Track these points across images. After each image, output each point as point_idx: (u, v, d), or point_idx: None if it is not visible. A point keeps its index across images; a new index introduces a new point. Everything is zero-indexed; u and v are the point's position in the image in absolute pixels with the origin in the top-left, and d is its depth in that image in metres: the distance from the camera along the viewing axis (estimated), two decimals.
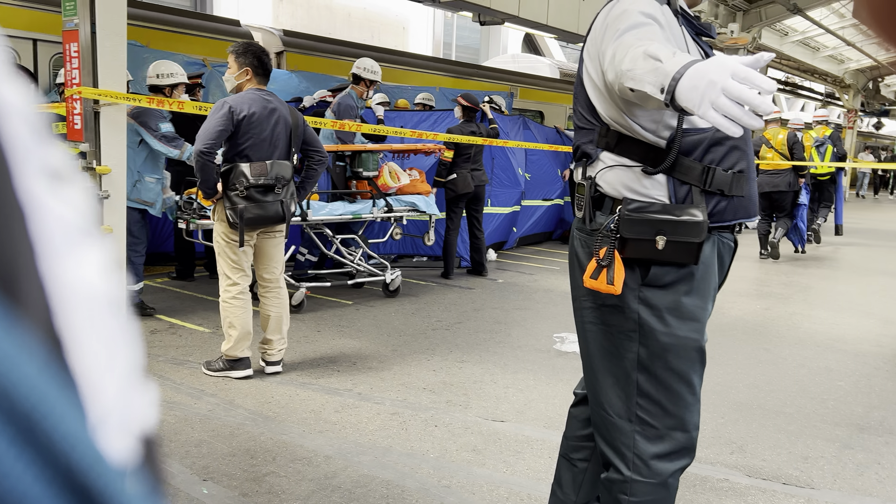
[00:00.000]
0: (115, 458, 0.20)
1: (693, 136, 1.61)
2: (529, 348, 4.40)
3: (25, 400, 0.16)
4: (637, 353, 1.67)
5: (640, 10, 1.56)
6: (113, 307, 0.23)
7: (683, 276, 1.64)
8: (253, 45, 3.66)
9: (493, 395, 3.56)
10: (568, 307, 5.51)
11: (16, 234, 0.19)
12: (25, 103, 0.22)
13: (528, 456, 2.87)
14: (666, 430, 1.68)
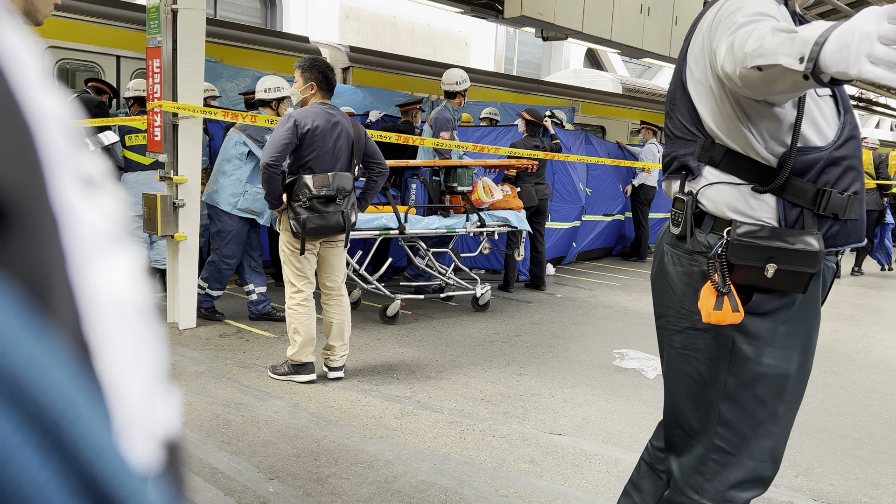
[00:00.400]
0: (137, 464, 0.20)
1: (807, 156, 1.51)
2: (588, 363, 4.38)
3: (54, 406, 0.16)
4: (725, 381, 1.59)
5: (757, 9, 1.47)
6: (139, 314, 0.23)
7: (785, 304, 1.55)
8: (318, 61, 3.79)
9: (551, 408, 3.57)
10: (627, 323, 5.48)
11: (49, 241, 0.19)
12: (62, 113, 0.22)
13: (587, 470, 2.87)
14: (743, 460, 1.61)
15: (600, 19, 7.75)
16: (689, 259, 1.62)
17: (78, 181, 0.22)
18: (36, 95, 0.20)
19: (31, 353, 0.16)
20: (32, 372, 0.16)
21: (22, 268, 0.18)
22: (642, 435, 3.26)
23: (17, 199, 0.17)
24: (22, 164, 0.18)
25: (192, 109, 4.51)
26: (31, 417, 0.16)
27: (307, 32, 9.27)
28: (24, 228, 0.18)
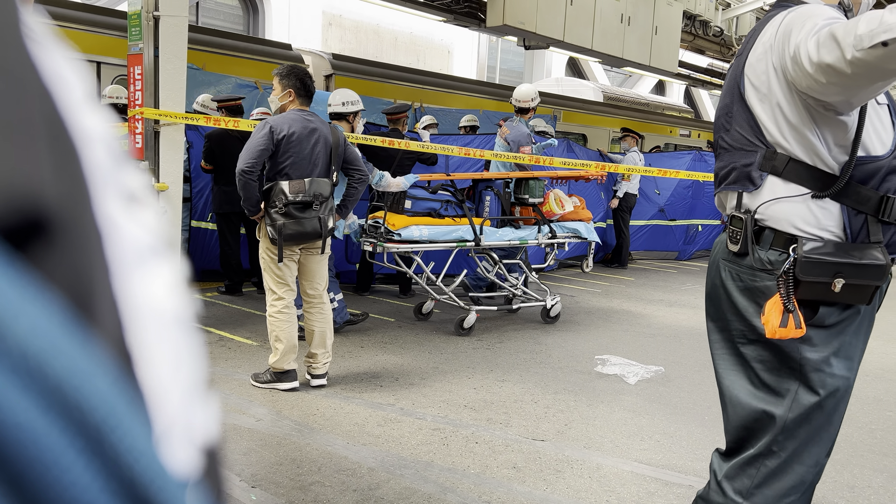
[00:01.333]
0: (177, 470, 0.20)
1: (869, 165, 1.55)
2: (570, 369, 4.41)
3: (96, 412, 0.17)
4: (796, 392, 1.61)
5: (832, 14, 1.51)
6: (180, 323, 0.24)
7: (849, 316, 1.59)
8: (296, 68, 3.80)
9: (534, 414, 3.59)
10: (609, 330, 5.52)
11: (93, 253, 0.20)
12: (106, 129, 0.23)
13: (569, 475, 2.89)
14: (794, 466, 1.63)
15: (581, 28, 7.83)
16: (749, 275, 1.65)
17: (120, 196, 0.22)
18: (81, 114, 0.21)
19: (74, 361, 0.16)
20: (76, 379, 0.16)
21: (67, 279, 0.18)
22: (623, 440, 3.28)
23: (63, 213, 0.18)
24: (68, 181, 0.19)
25: (173, 116, 4.49)
26: (74, 422, 0.16)
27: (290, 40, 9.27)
28: (70, 242, 0.18)
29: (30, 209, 0.17)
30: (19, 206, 0.17)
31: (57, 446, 0.16)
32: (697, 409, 3.78)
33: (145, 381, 0.21)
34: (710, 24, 10.72)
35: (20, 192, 0.17)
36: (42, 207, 0.17)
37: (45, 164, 0.18)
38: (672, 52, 9.31)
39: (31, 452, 0.15)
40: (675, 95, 20.72)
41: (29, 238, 0.17)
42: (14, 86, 0.18)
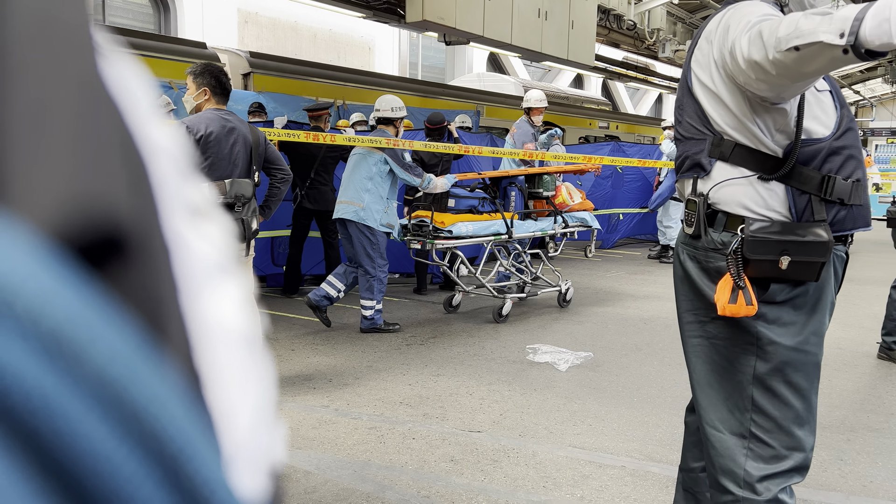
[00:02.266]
0: (246, 497, 0.20)
1: (811, 146, 1.62)
2: (503, 360, 4.47)
3: (173, 442, 0.16)
4: (754, 366, 1.65)
5: (767, 11, 1.56)
6: (248, 343, 0.23)
7: (800, 293, 1.65)
8: (211, 66, 3.69)
9: (469, 406, 3.62)
10: (539, 319, 5.61)
11: (162, 271, 0.19)
12: (171, 144, 0.23)
13: (505, 464, 2.92)
14: (779, 448, 1.66)
15: (500, 23, 7.92)
16: (704, 256, 1.71)
17: (187, 211, 0.22)
18: (148, 128, 0.21)
19: (151, 388, 0.16)
20: (154, 407, 0.16)
21: (140, 299, 0.18)
22: (557, 426, 3.35)
23: (137, 230, 0.18)
24: (140, 196, 0.19)
25: None
26: (152, 453, 0.16)
27: (204, 38, 9.00)
28: (143, 260, 0.18)
29: (106, 226, 0.17)
30: (96, 223, 0.17)
31: (135, 477, 0.15)
32: (626, 391, 3.90)
33: (214, 404, 0.20)
34: (624, 17, 11.03)
35: (97, 209, 0.17)
36: (118, 224, 0.17)
37: (119, 179, 0.18)
38: (588, 45, 9.53)
39: (110, 484, 0.15)
40: (593, 88, 21.23)
41: (105, 256, 0.17)
42: (88, 100, 0.18)
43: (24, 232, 0.15)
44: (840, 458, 3.04)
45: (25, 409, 0.14)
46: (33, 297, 0.14)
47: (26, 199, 0.16)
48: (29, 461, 0.14)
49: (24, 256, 0.15)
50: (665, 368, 4.33)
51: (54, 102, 0.17)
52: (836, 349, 4.82)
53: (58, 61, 0.17)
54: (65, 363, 0.14)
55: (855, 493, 2.74)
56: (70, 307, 0.15)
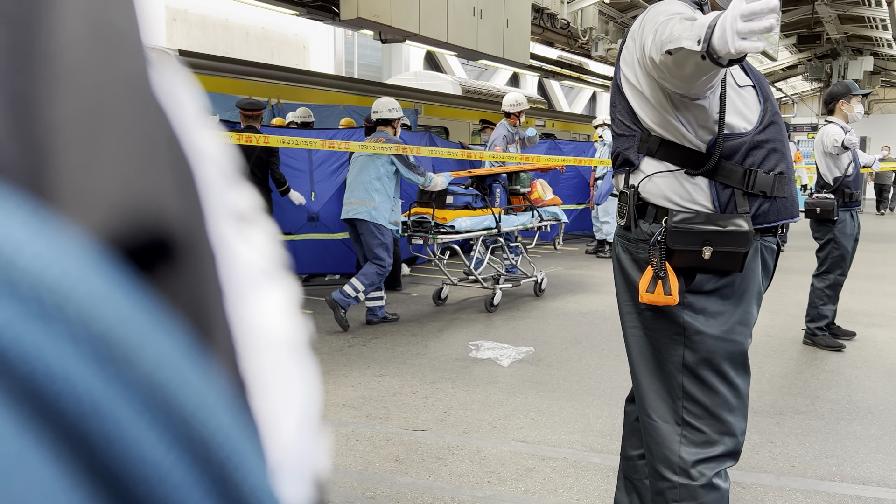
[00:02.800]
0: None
1: (733, 141, 1.65)
2: (446, 358, 4.47)
3: (221, 449, 0.16)
4: (682, 355, 1.69)
5: (676, 10, 1.60)
6: (293, 350, 0.23)
7: (727, 283, 1.67)
8: None
9: (413, 405, 3.61)
10: (481, 316, 5.64)
11: (209, 277, 0.19)
12: (217, 149, 0.23)
13: (450, 461, 2.93)
14: (711, 434, 1.69)
15: (436, 22, 7.92)
16: (634, 247, 1.75)
17: (233, 217, 0.22)
18: (195, 134, 0.21)
19: (200, 394, 0.16)
20: (202, 413, 0.16)
21: (188, 304, 0.18)
22: (500, 421, 3.38)
23: (182, 234, 0.18)
24: (186, 201, 0.19)
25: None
26: (200, 460, 0.15)
27: None
28: (188, 264, 0.18)
29: (155, 230, 0.17)
30: (145, 227, 0.17)
31: (183, 484, 0.15)
32: (566, 384, 3.96)
33: (260, 411, 0.20)
34: (558, 17, 11.20)
35: (146, 212, 0.17)
36: (167, 228, 0.17)
37: (168, 183, 0.18)
38: (523, 44, 9.64)
39: (157, 491, 0.15)
40: (528, 87, 21.50)
41: (154, 260, 0.17)
42: (137, 104, 0.18)
43: (74, 235, 0.15)
44: (771, 441, 3.16)
45: (76, 413, 0.14)
46: (84, 300, 0.14)
47: (77, 202, 0.16)
48: (78, 466, 0.14)
49: (75, 260, 0.15)
50: (604, 360, 4.42)
51: (104, 106, 0.17)
52: (764, 336, 5.01)
53: (108, 64, 0.17)
54: (115, 367, 0.15)
55: (785, 473, 2.85)
56: (120, 311, 0.15)
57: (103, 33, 0.17)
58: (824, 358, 4.55)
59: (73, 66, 0.17)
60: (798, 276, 7.27)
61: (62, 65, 0.16)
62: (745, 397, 1.74)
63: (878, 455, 3.03)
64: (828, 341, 4.74)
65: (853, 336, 4.99)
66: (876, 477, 2.82)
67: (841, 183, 4.66)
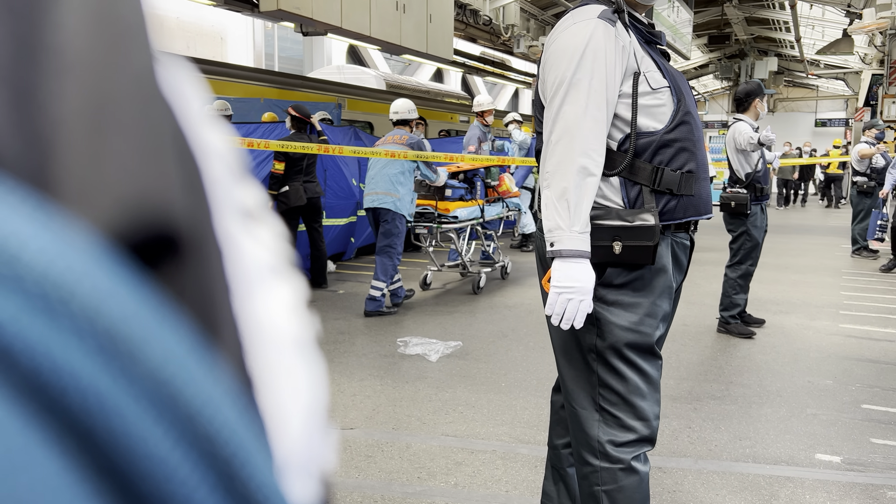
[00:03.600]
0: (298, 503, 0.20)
1: (643, 139, 1.70)
2: (374, 355, 4.44)
3: (227, 446, 0.16)
4: (595, 344, 1.74)
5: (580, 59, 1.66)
6: (300, 347, 0.23)
7: (637, 276, 1.73)
8: None
9: (341, 403, 3.56)
10: (409, 312, 5.64)
11: (215, 272, 0.19)
12: (224, 145, 0.22)
13: (380, 459, 2.91)
14: (626, 419, 1.75)
15: (358, 15, 7.84)
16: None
17: (239, 213, 0.22)
18: (201, 129, 0.21)
19: (206, 390, 0.16)
20: (208, 409, 0.16)
21: (194, 300, 0.18)
22: (429, 416, 3.38)
23: (188, 230, 0.18)
24: (192, 196, 0.19)
25: None
26: (206, 456, 0.15)
27: None
28: (196, 260, 0.18)
29: (161, 225, 0.17)
30: (151, 222, 0.17)
31: (190, 481, 0.15)
32: (494, 377, 4.00)
33: (266, 408, 0.20)
34: (480, 13, 11.28)
35: (152, 207, 0.17)
36: (172, 223, 0.17)
37: (173, 178, 0.18)
38: (447, 39, 9.66)
39: (164, 487, 0.14)
40: (452, 83, 21.60)
41: (159, 256, 0.17)
42: (143, 99, 0.18)
43: (80, 230, 0.15)
44: (689, 427, 3.29)
45: (81, 408, 0.14)
46: (89, 295, 0.14)
47: (82, 197, 0.16)
48: (84, 461, 0.14)
49: (81, 255, 0.15)
50: (530, 353, 4.49)
51: (110, 99, 0.17)
52: (681, 325, 5.21)
53: (114, 58, 0.17)
54: (120, 363, 0.14)
55: (703, 457, 2.97)
56: (125, 306, 0.15)
57: (109, 26, 0.17)
58: (737, 345, 4.77)
59: (79, 59, 0.16)
60: (712, 268, 7.60)
61: (67, 57, 0.16)
62: (656, 384, 1.81)
63: (787, 436, 3.20)
64: (740, 329, 4.97)
65: (763, 323, 5.25)
66: (786, 457, 2.98)
67: (752, 178, 4.88)
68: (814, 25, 16.84)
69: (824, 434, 3.22)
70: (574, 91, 1.65)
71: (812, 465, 2.91)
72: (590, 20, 1.69)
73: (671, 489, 2.68)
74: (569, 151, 1.63)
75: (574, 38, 1.68)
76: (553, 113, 1.67)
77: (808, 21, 16.27)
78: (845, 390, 3.83)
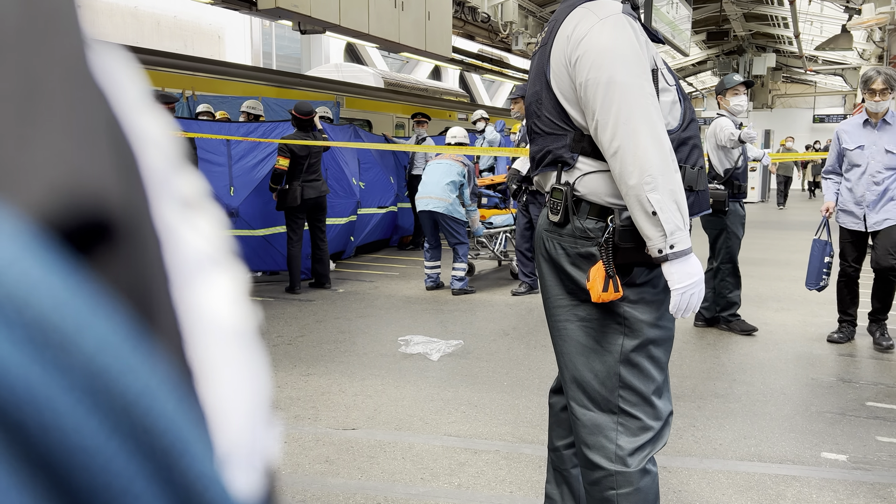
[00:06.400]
0: (240, 496, 0.20)
1: None
2: (375, 354, 4.42)
3: (164, 436, 0.16)
4: (622, 344, 1.73)
5: (626, 55, 1.61)
6: (242, 338, 0.23)
7: (657, 273, 1.73)
8: None
9: (343, 404, 3.54)
10: (409, 311, 5.61)
11: (152, 261, 0.19)
12: (162, 133, 0.22)
13: (382, 459, 2.88)
14: (645, 419, 1.74)
15: (357, 13, 7.80)
16: (571, 243, 1.75)
17: (178, 202, 0.22)
18: (137, 117, 0.21)
19: (142, 380, 0.16)
20: (145, 399, 0.16)
21: (129, 288, 0.18)
22: (431, 416, 3.36)
23: (123, 217, 0.17)
24: (127, 183, 0.18)
25: None
26: (143, 447, 0.15)
27: None
28: (132, 248, 0.18)
29: (94, 211, 0.16)
30: (84, 208, 0.16)
31: (126, 472, 0.15)
32: (496, 376, 3.98)
33: (207, 399, 0.20)
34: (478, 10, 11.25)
35: (84, 193, 0.16)
36: (106, 210, 0.17)
37: (107, 165, 0.17)
38: (445, 37, 9.63)
39: (99, 479, 0.14)
40: (450, 80, 21.57)
41: (93, 242, 0.17)
42: (75, 85, 0.17)
43: (7, 216, 0.15)
44: (693, 425, 3.27)
45: (10, 401, 0.14)
46: (17, 283, 0.14)
47: (10, 182, 0.15)
48: (15, 455, 0.13)
49: (9, 241, 0.14)
50: (532, 351, 4.47)
51: (40, 85, 0.16)
52: (684, 323, 5.19)
53: (44, 44, 0.17)
54: (51, 353, 0.14)
55: (707, 455, 2.95)
56: (56, 295, 0.15)
57: (39, 11, 0.17)
58: (739, 343, 4.75)
59: (7, 43, 0.16)
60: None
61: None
62: (668, 381, 1.82)
63: (792, 434, 3.18)
64: (742, 325, 4.95)
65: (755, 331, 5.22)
66: (791, 455, 2.96)
67: (731, 175, 4.84)
68: (812, 21, 16.83)
69: (829, 432, 3.20)
70: (634, 93, 1.60)
71: (818, 463, 2.89)
72: (618, 15, 1.66)
73: (676, 489, 2.66)
74: (661, 153, 1.58)
75: (610, 36, 1.64)
76: (612, 116, 1.61)
77: (806, 17, 16.26)
78: (849, 388, 3.82)
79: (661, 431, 1.78)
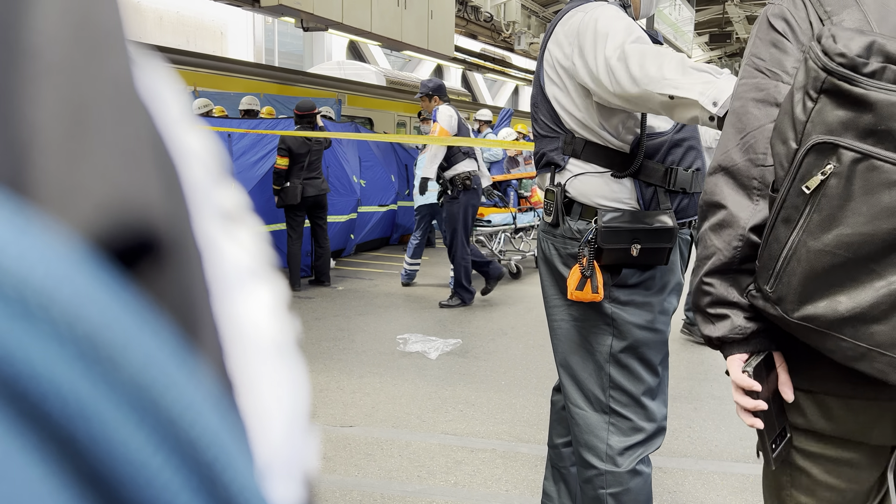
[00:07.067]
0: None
1: (654, 140, 1.69)
2: (374, 352, 4.43)
3: (208, 450, 0.16)
4: (610, 345, 1.73)
5: (627, 25, 1.59)
6: (281, 350, 0.23)
7: (650, 276, 1.73)
8: None
9: (341, 401, 3.55)
10: (408, 309, 5.63)
11: (195, 275, 0.19)
12: (204, 147, 0.23)
13: (379, 457, 2.90)
14: (636, 421, 1.74)
15: (360, 11, 7.81)
16: (562, 243, 1.77)
17: (219, 216, 0.22)
18: (180, 132, 0.21)
19: (187, 395, 0.16)
20: (189, 414, 0.16)
21: (174, 303, 0.18)
22: (429, 414, 3.37)
23: (168, 233, 0.18)
24: (171, 199, 0.19)
25: None
26: (188, 461, 0.15)
27: None
28: (174, 263, 0.18)
29: (140, 229, 0.17)
30: (130, 226, 0.17)
31: (171, 486, 0.15)
32: (494, 375, 3.99)
33: (248, 412, 0.20)
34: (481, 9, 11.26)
35: (131, 211, 0.17)
36: (152, 227, 0.17)
37: (152, 182, 0.18)
38: (448, 36, 9.64)
39: (147, 493, 0.15)
40: (452, 79, 21.56)
41: (139, 260, 0.17)
42: (121, 103, 0.18)
43: (59, 234, 0.15)
44: (689, 426, 3.28)
45: (62, 415, 0.14)
46: (69, 300, 0.14)
47: (61, 201, 0.16)
48: (66, 468, 0.14)
49: (60, 260, 0.14)
50: (530, 351, 4.48)
51: (88, 103, 0.17)
52: (681, 323, 5.19)
53: (91, 62, 0.17)
54: (100, 368, 0.14)
55: (703, 457, 2.96)
56: (106, 311, 0.15)
57: (86, 30, 0.17)
58: None
59: (56, 63, 0.16)
60: None
61: (44, 62, 0.16)
62: (665, 385, 1.82)
63: None
64: None
65: None
66: None
67: None
68: None
69: None
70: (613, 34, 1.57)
71: None
72: (606, 4, 1.68)
73: (671, 489, 2.67)
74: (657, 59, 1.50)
75: (597, 9, 1.66)
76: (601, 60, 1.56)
77: None
78: None
79: (655, 433, 1.79)
